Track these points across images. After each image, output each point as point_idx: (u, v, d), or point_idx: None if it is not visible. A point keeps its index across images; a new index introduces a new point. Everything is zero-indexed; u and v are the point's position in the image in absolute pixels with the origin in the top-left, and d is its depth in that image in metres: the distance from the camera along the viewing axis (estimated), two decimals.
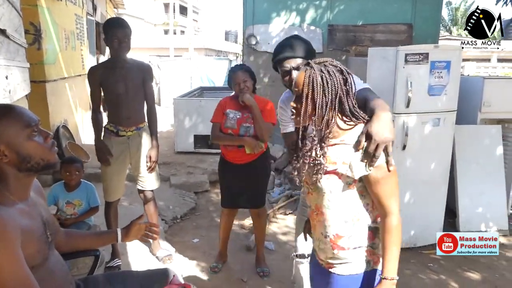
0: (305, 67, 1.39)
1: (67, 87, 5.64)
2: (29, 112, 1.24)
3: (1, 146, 1.15)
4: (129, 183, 3.68)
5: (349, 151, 1.36)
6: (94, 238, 1.74)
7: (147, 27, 30.11)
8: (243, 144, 2.76)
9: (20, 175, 1.22)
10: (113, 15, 11.33)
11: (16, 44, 2.64)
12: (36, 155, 1.21)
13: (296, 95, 1.41)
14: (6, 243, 1.08)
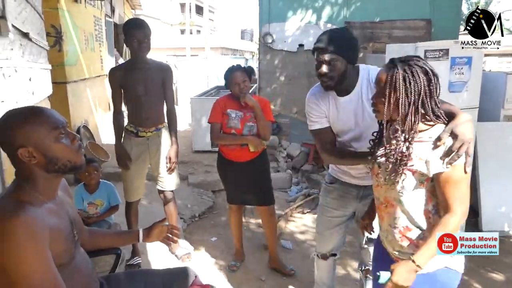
0: (389, 65, 1.40)
1: (87, 88, 5.74)
2: (57, 114, 1.26)
3: (30, 148, 1.17)
4: (149, 182, 3.72)
5: (426, 148, 1.38)
6: (116, 237, 1.77)
7: (163, 27, 30.37)
8: (247, 142, 2.77)
9: (48, 176, 1.24)
10: (130, 16, 11.46)
11: (38, 47, 2.70)
12: (63, 157, 1.23)
13: (376, 91, 1.45)
14: (35, 243, 1.10)
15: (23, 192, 1.20)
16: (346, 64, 1.87)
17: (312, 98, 2.06)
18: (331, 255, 2.30)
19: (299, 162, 5.72)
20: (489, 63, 13.96)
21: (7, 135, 1.18)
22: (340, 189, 2.17)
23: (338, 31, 1.97)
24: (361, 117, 1.96)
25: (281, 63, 6.11)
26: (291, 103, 6.17)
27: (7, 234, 1.06)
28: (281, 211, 4.24)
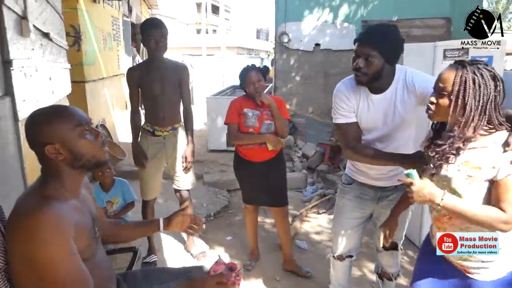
0: (457, 65, 1.38)
1: (104, 87, 5.81)
2: (80, 111, 1.30)
3: (56, 145, 1.21)
4: (165, 181, 3.75)
5: (492, 154, 1.37)
6: (137, 227, 1.77)
7: (180, 26, 30.59)
8: (265, 141, 2.76)
9: (73, 172, 1.27)
10: (147, 16, 11.57)
11: (58, 46, 2.75)
12: (87, 153, 1.26)
13: (437, 91, 1.42)
14: (61, 238, 1.13)
15: (49, 187, 1.23)
16: (384, 63, 1.81)
17: (344, 90, 1.97)
18: (347, 256, 2.27)
19: (315, 162, 5.69)
20: (510, 62, 13.64)
21: (35, 133, 1.22)
22: (357, 190, 2.14)
23: (385, 28, 1.86)
24: (391, 117, 1.91)
25: (297, 63, 6.09)
26: (306, 102, 6.14)
27: (34, 228, 1.09)
28: (296, 211, 4.23)
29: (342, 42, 5.90)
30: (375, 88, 1.90)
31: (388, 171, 2.03)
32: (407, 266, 3.21)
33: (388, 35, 1.81)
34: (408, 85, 1.88)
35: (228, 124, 2.83)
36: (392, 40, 1.82)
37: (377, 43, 1.78)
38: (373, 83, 1.86)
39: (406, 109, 1.90)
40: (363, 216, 2.17)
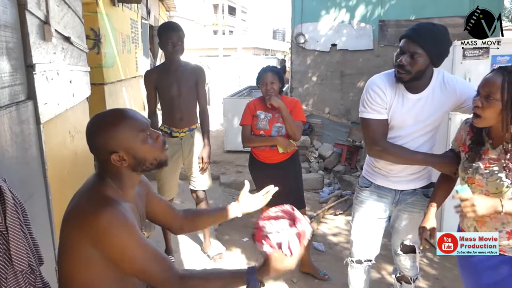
0: (503, 71, 1.44)
1: (123, 89, 5.90)
2: (140, 116, 1.30)
3: (121, 152, 1.22)
4: (181, 181, 3.79)
5: None
6: (214, 214, 1.75)
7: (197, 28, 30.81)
8: (275, 143, 2.77)
9: (132, 174, 1.29)
10: (165, 18, 11.70)
11: (78, 50, 2.80)
12: (150, 157, 1.28)
13: (484, 96, 1.47)
14: (132, 230, 1.16)
15: (108, 188, 1.24)
16: (429, 63, 1.79)
17: (380, 84, 1.90)
18: (366, 260, 2.24)
19: (331, 163, 5.67)
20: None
21: (99, 142, 1.23)
22: (375, 193, 2.11)
23: (435, 28, 1.80)
24: (423, 118, 1.89)
25: (314, 63, 6.07)
26: (323, 103, 6.12)
27: (105, 229, 1.12)
28: (313, 212, 4.22)
29: (358, 42, 5.86)
30: (413, 87, 1.87)
31: (408, 174, 2.01)
32: (426, 268, 3.17)
33: (438, 36, 1.78)
34: (447, 88, 1.86)
35: (242, 126, 2.86)
36: (441, 41, 1.78)
37: (426, 43, 1.74)
38: (414, 82, 1.83)
39: (439, 111, 1.89)
40: (381, 219, 2.14)
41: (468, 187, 1.49)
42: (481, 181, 1.57)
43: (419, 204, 2.07)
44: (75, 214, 1.19)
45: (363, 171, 2.22)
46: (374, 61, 5.83)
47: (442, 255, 3.27)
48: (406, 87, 1.87)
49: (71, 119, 2.42)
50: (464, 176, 1.66)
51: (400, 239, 2.17)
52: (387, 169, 2.04)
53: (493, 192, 1.53)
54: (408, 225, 2.11)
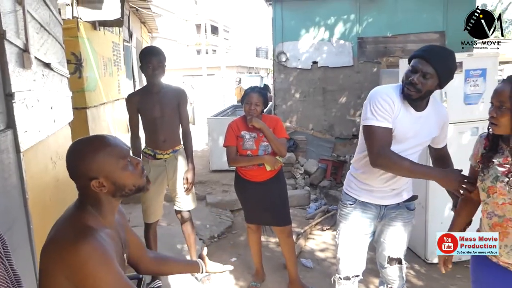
0: (510, 81, 1.52)
1: (106, 112, 5.88)
2: (122, 143, 1.32)
3: (101, 179, 1.23)
4: (167, 203, 3.77)
5: None
6: (178, 265, 1.76)
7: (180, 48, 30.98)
8: (263, 162, 2.80)
9: (112, 200, 1.29)
10: (148, 40, 11.75)
11: (59, 75, 2.80)
12: (129, 183, 1.29)
13: (497, 106, 1.54)
14: (109, 264, 1.15)
15: (88, 216, 1.24)
16: (437, 84, 1.86)
17: (390, 94, 1.91)
18: (353, 276, 2.24)
19: (317, 179, 5.70)
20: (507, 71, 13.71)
21: (79, 168, 1.23)
22: (360, 209, 2.12)
23: (447, 52, 1.88)
24: (421, 135, 1.97)
25: (296, 81, 6.16)
26: (306, 119, 6.19)
27: (82, 260, 1.11)
28: (300, 228, 4.22)
29: (339, 59, 5.98)
30: (417, 105, 1.93)
31: (391, 189, 2.06)
32: (413, 280, 3.19)
33: (449, 60, 1.86)
34: (438, 111, 2.00)
35: (227, 147, 2.87)
36: (451, 66, 1.86)
37: (438, 64, 1.81)
38: (420, 100, 1.90)
39: (433, 131, 2.01)
40: (366, 234, 2.16)
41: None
42: (503, 189, 1.57)
43: (403, 217, 2.13)
44: (54, 244, 1.17)
45: (344, 188, 2.23)
46: (355, 77, 5.95)
47: (429, 266, 3.32)
48: (410, 103, 1.93)
49: (53, 145, 2.40)
50: (484, 187, 1.64)
51: (386, 252, 2.18)
52: (372, 185, 2.07)
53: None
54: (393, 238, 2.14)
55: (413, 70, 1.85)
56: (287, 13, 6.01)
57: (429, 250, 3.37)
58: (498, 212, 1.61)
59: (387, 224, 2.13)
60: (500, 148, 1.62)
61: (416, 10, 5.76)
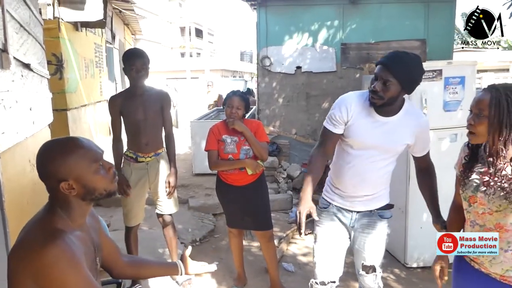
0: (491, 89, 1.50)
1: (87, 114, 5.80)
2: (95, 146, 1.30)
3: (71, 181, 1.21)
4: (149, 207, 3.73)
5: None
6: (156, 268, 1.72)
7: (164, 50, 30.81)
8: (244, 166, 2.79)
9: (82, 203, 1.27)
10: (131, 42, 11.65)
11: (39, 76, 2.75)
12: (100, 187, 1.27)
13: (475, 113, 1.53)
14: (78, 268, 1.14)
15: (57, 218, 1.22)
16: (400, 91, 1.85)
17: (349, 102, 1.98)
18: (329, 282, 2.22)
19: (300, 183, 5.72)
20: (485, 79, 14.08)
21: (49, 169, 1.21)
22: (334, 213, 2.14)
23: (410, 58, 1.86)
24: (384, 142, 1.95)
25: (279, 85, 6.19)
26: (290, 124, 6.22)
27: (50, 263, 1.09)
28: (282, 233, 4.23)
29: (322, 64, 6.04)
30: (383, 111, 1.94)
31: (363, 195, 2.06)
32: (393, 284, 3.22)
33: (410, 65, 1.84)
34: (411, 120, 1.96)
35: (208, 151, 2.86)
36: (413, 70, 1.85)
37: (398, 71, 1.81)
38: (386, 107, 1.91)
39: (401, 140, 1.97)
40: (342, 239, 2.16)
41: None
42: (482, 198, 1.56)
43: (375, 225, 2.10)
44: (22, 247, 1.16)
45: (323, 192, 2.24)
46: (338, 83, 6.01)
47: (409, 271, 3.36)
48: (376, 110, 1.94)
49: (31, 147, 2.35)
50: (465, 196, 1.64)
51: (360, 259, 2.18)
52: (342, 190, 2.09)
53: (496, 210, 1.53)
54: (367, 246, 2.13)
55: (376, 78, 1.87)
56: (272, 18, 6.04)
57: (409, 254, 3.41)
58: (479, 221, 1.61)
59: (360, 231, 2.12)
60: (481, 158, 1.61)
61: (399, 17, 5.87)
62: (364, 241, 2.12)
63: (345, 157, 2.06)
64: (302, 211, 1.91)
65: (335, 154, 2.16)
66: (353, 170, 2.03)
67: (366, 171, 2.00)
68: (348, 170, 2.05)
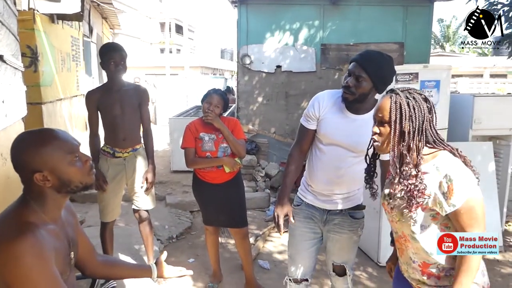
0: (390, 94, 1.42)
1: (63, 108, 5.67)
2: (71, 138, 1.28)
3: (45, 172, 1.19)
4: (125, 203, 3.69)
5: (433, 180, 1.37)
6: (129, 269, 1.70)
7: (143, 46, 30.39)
8: (222, 164, 2.80)
9: (57, 196, 1.25)
10: (109, 36, 11.45)
11: (13, 68, 2.68)
12: (76, 180, 1.25)
13: (378, 120, 1.45)
14: (44, 264, 1.11)
15: (29, 211, 1.20)
16: (371, 88, 1.91)
17: (321, 98, 2.07)
18: (302, 280, 2.25)
19: (278, 182, 5.75)
20: (460, 84, 14.47)
21: (23, 159, 1.19)
22: (306, 211, 2.17)
23: (383, 57, 1.93)
24: (353, 139, 1.97)
25: (259, 84, 6.20)
26: (269, 123, 6.24)
27: (17, 257, 1.07)
28: (259, 230, 4.25)
29: (302, 64, 6.09)
30: (354, 108, 1.98)
31: (334, 194, 2.09)
32: (366, 282, 3.29)
33: (383, 64, 1.90)
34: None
35: (185, 149, 2.84)
36: (385, 69, 1.91)
37: (371, 68, 1.87)
38: (357, 103, 1.95)
39: (369, 138, 1.98)
40: (314, 237, 2.18)
41: None
42: (387, 206, 1.53)
43: (346, 225, 2.12)
44: None
45: (298, 190, 2.27)
46: (317, 83, 6.08)
47: (381, 269, 3.44)
48: (347, 106, 1.99)
49: (3, 141, 2.29)
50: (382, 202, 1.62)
51: (330, 259, 2.22)
52: (314, 188, 2.13)
53: (397, 220, 1.48)
54: (337, 246, 2.16)
55: (349, 74, 1.95)
56: (252, 16, 6.05)
57: (382, 253, 3.49)
58: (393, 228, 1.59)
59: (331, 230, 2.15)
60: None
61: (378, 20, 5.98)
62: (334, 240, 2.14)
63: (317, 153, 2.11)
64: (280, 214, 2.01)
65: (310, 151, 2.20)
66: (323, 166, 2.07)
67: (336, 168, 2.03)
68: (320, 166, 2.09)
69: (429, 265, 1.45)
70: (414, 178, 1.37)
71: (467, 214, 1.32)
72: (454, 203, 1.32)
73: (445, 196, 1.33)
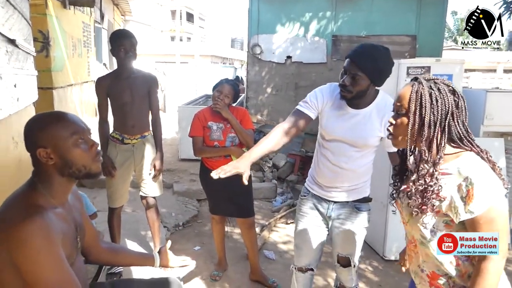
0: (413, 82, 1.29)
1: (73, 94, 5.71)
2: (79, 120, 1.33)
3: (48, 149, 1.23)
4: (133, 189, 3.72)
5: (451, 183, 1.23)
6: (133, 257, 1.73)
7: (153, 33, 30.36)
8: (230, 153, 2.80)
9: (62, 180, 1.28)
10: (120, 22, 11.45)
11: (25, 53, 2.70)
12: (78, 162, 1.28)
13: (396, 111, 1.33)
14: (51, 246, 1.14)
15: (37, 194, 1.23)
16: (369, 84, 1.86)
17: (325, 90, 2.01)
18: (307, 269, 2.26)
19: (285, 173, 5.77)
20: (473, 79, 14.29)
21: (31, 136, 1.26)
22: (312, 202, 2.17)
23: (378, 51, 1.85)
24: (354, 133, 1.95)
25: (269, 74, 6.18)
26: (277, 114, 6.23)
27: (25, 239, 1.10)
28: (265, 221, 4.27)
29: (312, 55, 6.05)
30: (354, 104, 1.95)
31: (339, 185, 2.08)
32: (370, 275, 3.29)
33: (379, 58, 1.84)
34: (383, 112, 1.92)
35: (193, 137, 2.85)
36: (382, 64, 1.85)
37: (366, 65, 1.81)
38: (357, 99, 1.92)
39: (372, 133, 1.96)
40: (320, 227, 2.19)
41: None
42: (399, 206, 1.44)
43: (351, 217, 2.11)
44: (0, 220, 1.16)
45: (306, 181, 2.27)
46: (327, 74, 6.03)
47: (387, 263, 3.44)
48: (347, 102, 1.95)
49: (15, 124, 2.32)
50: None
51: (335, 251, 2.22)
52: (320, 181, 2.11)
53: (407, 221, 1.39)
54: (342, 238, 2.15)
55: (344, 72, 1.89)
56: (264, 6, 6.01)
57: (387, 247, 3.49)
58: (405, 230, 1.48)
59: (337, 221, 2.14)
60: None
61: (391, 12, 5.90)
62: (340, 232, 2.14)
63: (321, 148, 2.10)
64: (232, 168, 1.85)
65: (315, 147, 2.18)
66: (328, 161, 2.06)
67: (340, 162, 2.02)
68: (324, 161, 2.08)
69: (438, 276, 1.35)
70: (430, 178, 1.25)
71: (487, 225, 1.20)
72: (472, 210, 1.18)
73: (463, 200, 1.20)
